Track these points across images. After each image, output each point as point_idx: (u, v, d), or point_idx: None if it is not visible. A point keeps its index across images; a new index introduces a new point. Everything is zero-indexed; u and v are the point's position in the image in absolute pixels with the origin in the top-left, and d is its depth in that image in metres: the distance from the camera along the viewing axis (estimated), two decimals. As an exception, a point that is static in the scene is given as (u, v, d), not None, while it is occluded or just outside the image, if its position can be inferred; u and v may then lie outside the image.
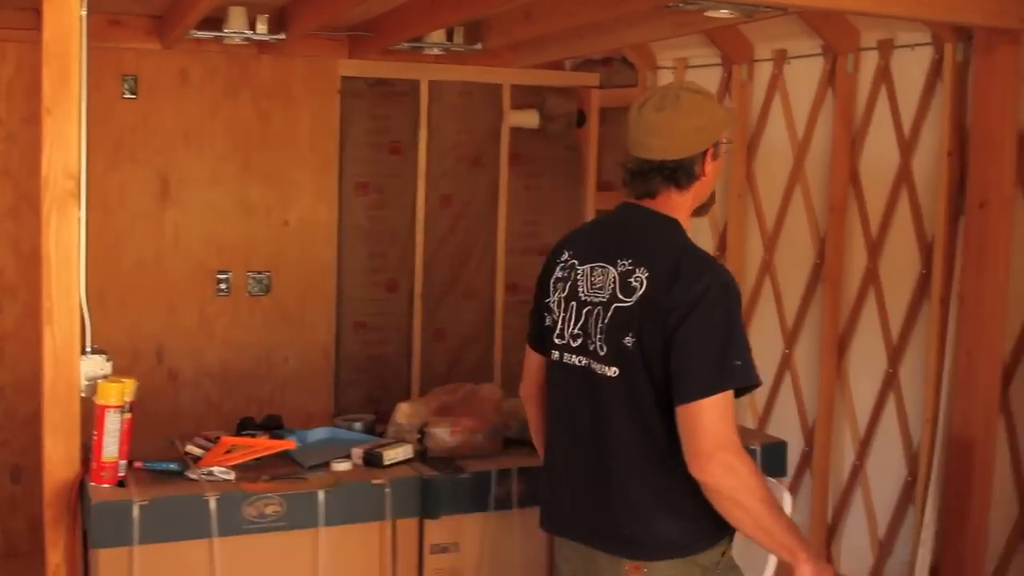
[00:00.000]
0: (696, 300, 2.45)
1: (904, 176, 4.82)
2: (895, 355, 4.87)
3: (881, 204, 4.92)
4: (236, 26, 5.04)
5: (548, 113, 5.95)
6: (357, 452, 3.56)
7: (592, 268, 2.65)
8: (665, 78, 5.74)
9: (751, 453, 3.21)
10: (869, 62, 4.94)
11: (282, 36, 5.12)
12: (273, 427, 3.88)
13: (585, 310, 2.63)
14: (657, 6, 4.26)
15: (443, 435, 3.59)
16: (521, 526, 3.53)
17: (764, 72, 5.38)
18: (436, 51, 5.44)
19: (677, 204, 2.67)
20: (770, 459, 3.77)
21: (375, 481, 3.40)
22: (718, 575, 2.64)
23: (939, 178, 4.61)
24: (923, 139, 4.75)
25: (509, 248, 5.94)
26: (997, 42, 4.28)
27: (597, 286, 2.62)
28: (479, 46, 5.40)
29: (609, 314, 2.57)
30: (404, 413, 3.70)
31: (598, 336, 2.58)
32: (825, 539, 5.06)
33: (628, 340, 2.52)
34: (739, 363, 2.46)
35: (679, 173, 2.63)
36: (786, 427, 5.30)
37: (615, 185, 6.00)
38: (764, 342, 5.41)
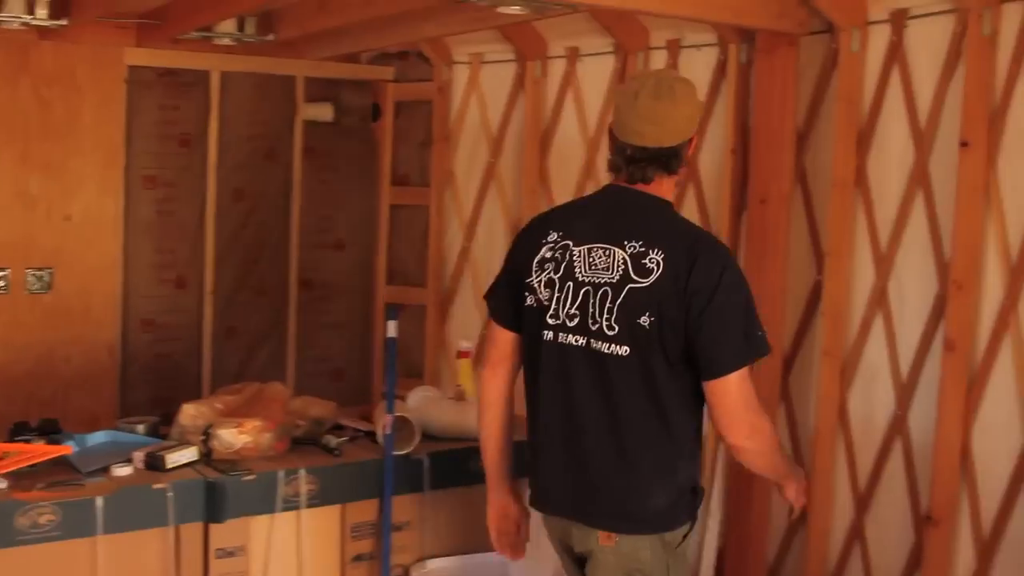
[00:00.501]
0: (718, 281, 2.61)
1: (691, 173, 4.93)
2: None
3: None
4: (14, 10, 4.80)
5: (343, 106, 5.87)
6: (138, 456, 3.44)
7: (591, 249, 2.70)
8: (460, 73, 5.74)
9: None
10: (658, 61, 5.02)
11: (64, 22, 4.90)
12: (50, 431, 3.70)
13: (583, 291, 2.68)
14: (451, 1, 4.24)
15: (228, 436, 3.49)
16: (310, 526, 3.46)
17: (558, 69, 5.41)
18: (227, 41, 5.29)
19: (667, 188, 2.80)
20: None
21: (156, 486, 3.28)
22: (676, 555, 2.75)
23: (723, 175, 4.72)
24: (710, 137, 4.86)
25: (303, 243, 5.83)
26: (777, 44, 4.41)
27: (600, 267, 2.68)
28: (271, 37, 5.28)
29: (623, 295, 2.63)
30: (188, 414, 3.58)
31: (605, 316, 2.65)
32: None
33: (645, 320, 2.61)
34: (760, 334, 2.69)
35: (672, 160, 2.74)
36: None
37: (410, 179, 5.97)
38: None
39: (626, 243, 2.67)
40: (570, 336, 2.70)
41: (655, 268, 2.62)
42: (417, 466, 3.60)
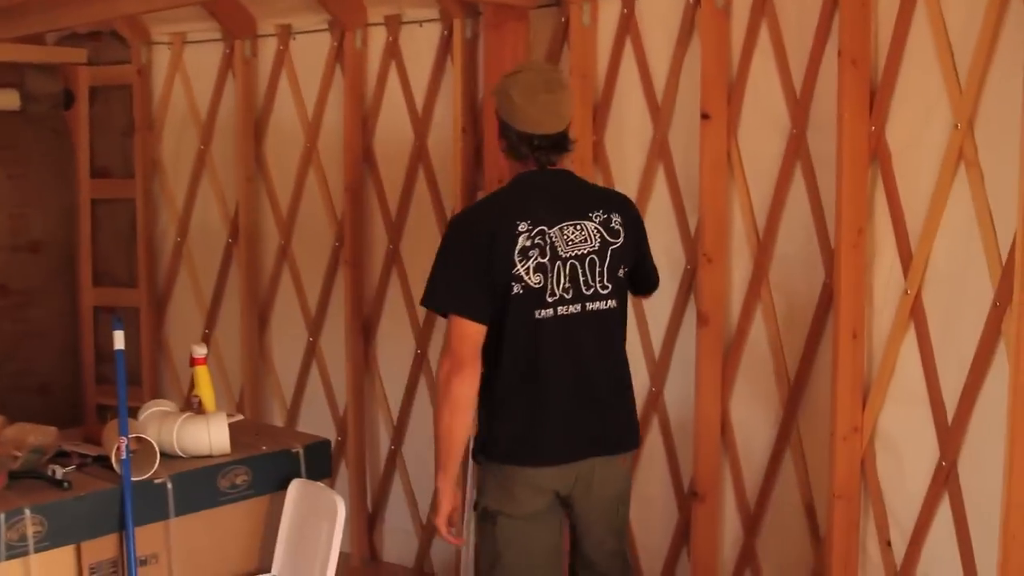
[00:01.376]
0: (641, 222, 3.14)
1: (420, 154, 4.70)
2: (422, 336, 4.76)
3: (399, 183, 4.78)
4: None
5: (30, 93, 5.28)
6: None
7: (562, 228, 2.95)
8: (161, 54, 5.27)
9: (293, 456, 3.40)
10: (378, 38, 4.76)
11: None
12: None
13: (570, 264, 2.94)
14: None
15: (-67, 482, 3.00)
16: (41, 574, 3.03)
17: (269, 48, 5.05)
18: None
19: (566, 165, 3.10)
20: (314, 462, 3.50)
21: None
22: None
23: (454, 156, 4.52)
24: (437, 116, 4.65)
25: (-4, 246, 5.24)
26: (505, 18, 4.22)
27: (577, 241, 2.95)
28: (-60, 17, 4.67)
29: (608, 257, 2.98)
30: None
31: (598, 279, 2.98)
32: (366, 528, 4.89)
33: (622, 272, 3.03)
34: None
35: (567, 141, 3.02)
36: (316, 418, 5.06)
37: (112, 171, 5.45)
38: (287, 331, 5.14)
39: (590, 214, 2.98)
40: (569, 307, 2.94)
41: (620, 229, 3.01)
42: (160, 491, 3.22)
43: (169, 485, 3.22)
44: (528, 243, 2.90)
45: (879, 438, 3.43)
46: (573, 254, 2.95)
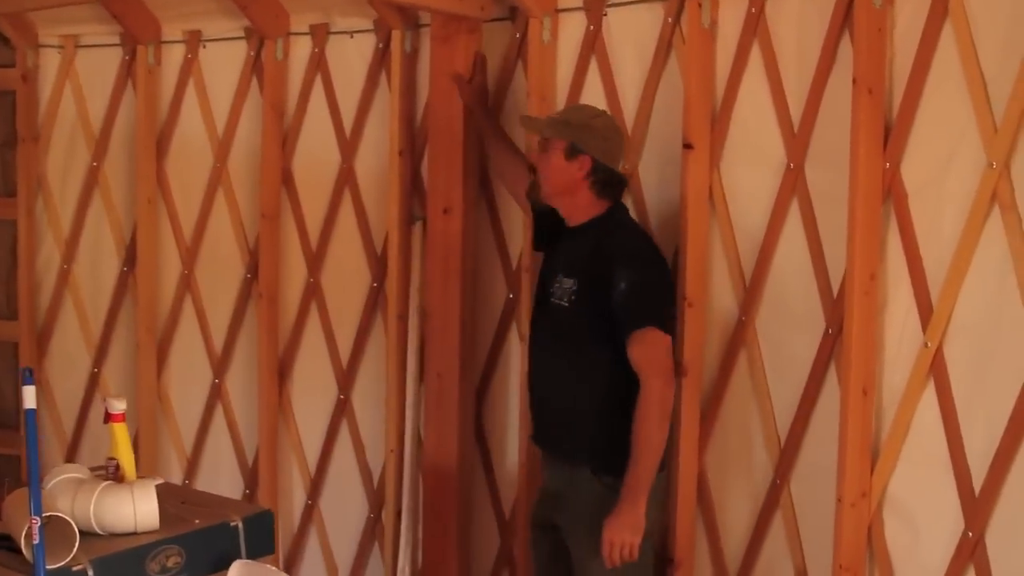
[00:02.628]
0: None
1: (346, 178, 4.22)
2: (346, 379, 4.26)
3: (321, 210, 4.28)
4: None
5: None
6: None
7: None
8: (50, 58, 4.63)
9: (232, 530, 2.91)
10: (302, 49, 4.26)
11: None
12: None
13: None
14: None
15: None
16: None
17: (175, 56, 4.49)
18: None
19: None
20: (256, 536, 2.97)
21: None
22: None
23: (388, 181, 4.05)
24: (367, 137, 4.17)
25: None
26: (456, 31, 3.78)
27: None
28: None
29: None
30: None
31: None
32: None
33: None
34: None
35: None
36: (221, 468, 4.51)
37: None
38: (189, 370, 4.57)
39: None
40: None
41: None
42: (79, 580, 2.66)
43: (90, 572, 2.66)
44: None
45: (889, 504, 3.08)
46: None
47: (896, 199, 3.02)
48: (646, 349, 2.99)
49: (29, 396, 2.67)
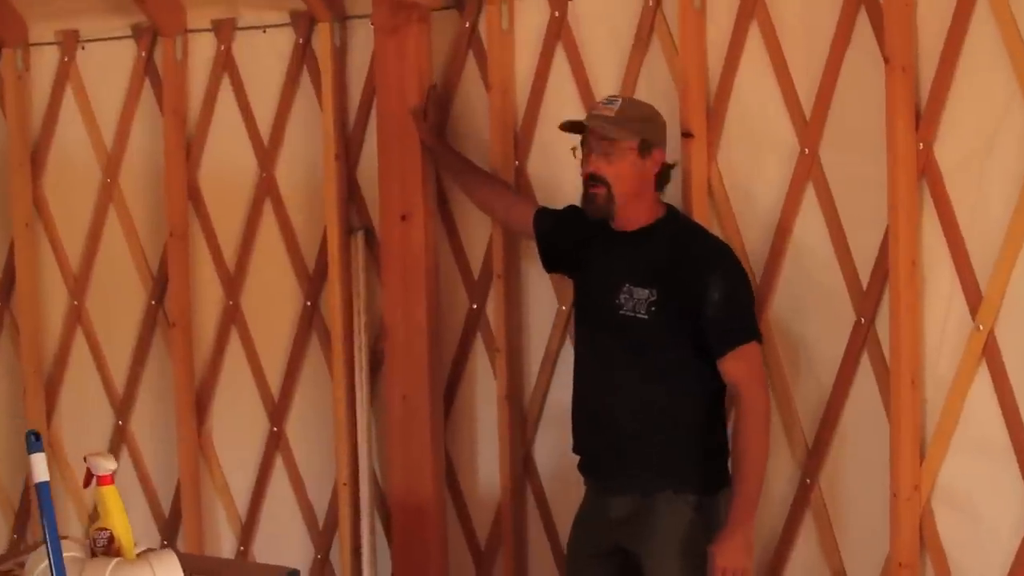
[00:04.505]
0: None
1: (267, 189, 3.76)
2: (278, 410, 3.79)
3: (237, 225, 3.80)
4: None
5: None
6: None
7: None
8: None
9: None
10: (205, 47, 3.77)
11: None
12: None
13: None
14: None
15: None
16: None
17: (49, 59, 3.90)
18: None
19: None
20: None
21: None
22: None
23: (319, 190, 3.63)
24: (289, 143, 3.73)
25: None
26: (405, 20, 3.39)
27: None
28: None
29: None
30: None
31: None
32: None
33: None
34: None
35: None
36: (134, 520, 3.91)
37: None
38: (85, 414, 3.98)
39: None
40: None
41: None
42: None
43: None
44: None
45: (941, 496, 2.92)
46: None
47: (931, 180, 2.86)
48: (749, 365, 2.78)
49: (39, 467, 2.14)
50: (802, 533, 3.13)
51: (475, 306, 3.52)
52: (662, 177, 2.89)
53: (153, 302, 3.88)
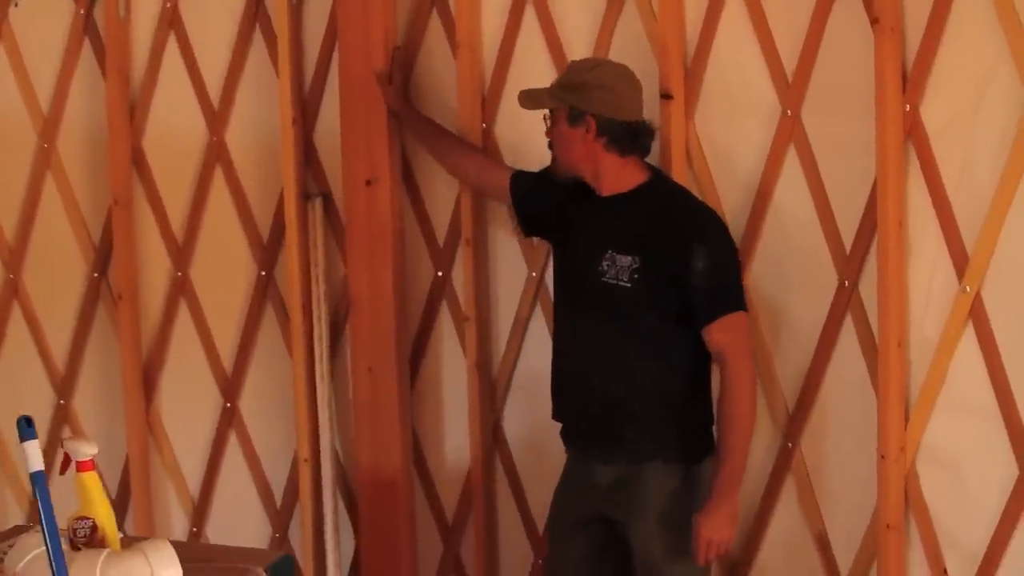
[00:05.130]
0: None
1: (217, 154, 3.60)
2: (231, 385, 3.66)
3: (185, 193, 3.64)
4: None
5: None
6: None
7: None
8: None
9: None
10: (149, 3, 3.58)
11: None
12: None
13: None
14: None
15: None
16: None
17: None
18: None
19: None
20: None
21: None
22: None
23: (274, 154, 3.49)
24: (241, 105, 3.57)
25: None
26: (368, -25, 3.26)
27: None
28: None
29: None
30: None
31: None
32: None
33: None
34: None
35: None
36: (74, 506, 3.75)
37: None
38: (22, 393, 3.79)
39: None
40: None
41: None
42: None
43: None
44: None
45: (925, 457, 2.93)
46: None
47: (917, 143, 2.85)
48: (735, 334, 2.72)
49: (33, 455, 2.00)
50: (783, 497, 3.11)
51: (440, 273, 3.42)
52: (622, 141, 2.78)
53: (96, 274, 3.70)
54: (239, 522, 3.68)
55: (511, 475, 3.41)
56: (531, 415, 3.34)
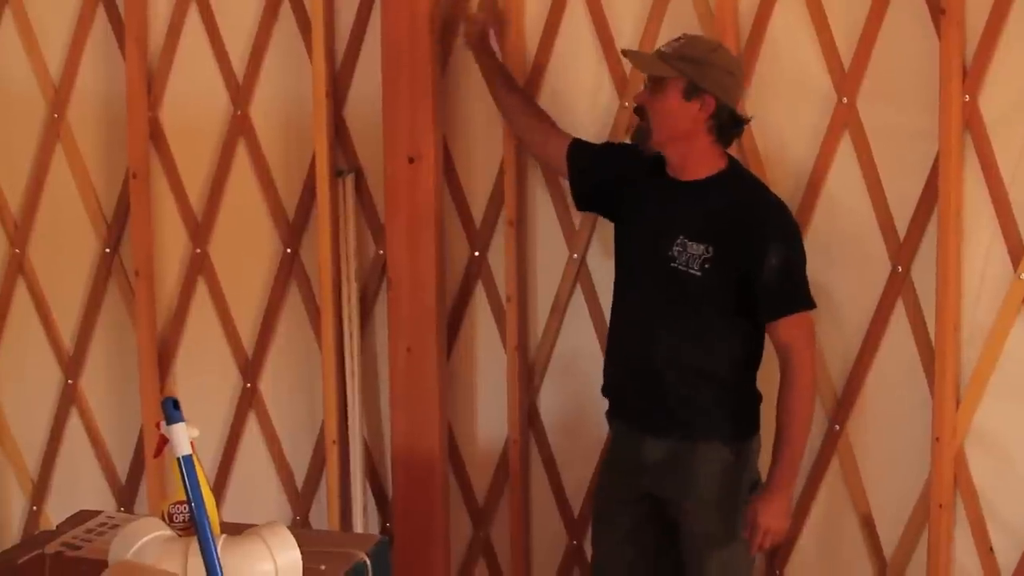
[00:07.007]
0: None
1: (240, 128, 3.51)
2: (252, 365, 3.59)
3: (204, 167, 3.55)
4: None
5: None
6: None
7: None
8: None
9: (363, 567, 2.36)
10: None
11: None
12: None
13: None
14: None
15: None
16: None
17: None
18: None
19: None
20: (381, 567, 2.41)
21: None
22: None
23: (296, 128, 3.43)
24: (267, 78, 3.48)
25: None
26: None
27: None
28: None
29: None
30: None
31: None
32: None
33: None
34: None
35: None
36: (81, 488, 3.70)
37: None
38: (28, 372, 3.67)
39: None
40: None
41: None
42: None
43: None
44: None
45: (973, 438, 3.03)
46: None
47: (975, 132, 2.93)
48: (802, 331, 2.76)
49: (179, 439, 1.95)
50: (827, 479, 3.18)
51: (476, 254, 3.40)
52: (724, 128, 2.80)
53: (108, 250, 3.58)
54: (257, 504, 3.61)
55: (546, 458, 3.41)
56: (566, 398, 3.36)
